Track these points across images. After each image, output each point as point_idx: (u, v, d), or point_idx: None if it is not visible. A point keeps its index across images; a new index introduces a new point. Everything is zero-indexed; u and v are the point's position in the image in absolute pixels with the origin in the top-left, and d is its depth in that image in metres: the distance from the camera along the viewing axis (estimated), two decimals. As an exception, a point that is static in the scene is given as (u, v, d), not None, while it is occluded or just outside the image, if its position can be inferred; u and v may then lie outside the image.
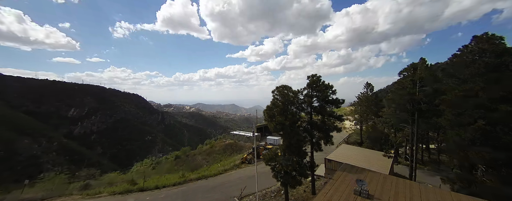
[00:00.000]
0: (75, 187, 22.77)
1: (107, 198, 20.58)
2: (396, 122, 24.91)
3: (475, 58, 16.60)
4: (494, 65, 15.33)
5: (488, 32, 17.01)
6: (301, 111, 18.80)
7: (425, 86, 22.68)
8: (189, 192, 22.18)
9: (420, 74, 23.34)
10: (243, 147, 47.12)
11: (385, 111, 29.36)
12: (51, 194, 20.11)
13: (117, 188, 22.62)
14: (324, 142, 18.27)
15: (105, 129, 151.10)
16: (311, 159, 18.38)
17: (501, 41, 16.11)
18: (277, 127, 16.06)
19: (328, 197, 12.05)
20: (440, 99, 18.69)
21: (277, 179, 16.55)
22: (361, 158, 23.80)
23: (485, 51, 16.14)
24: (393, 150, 27.79)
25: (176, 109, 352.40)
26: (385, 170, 20.15)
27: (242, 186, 22.23)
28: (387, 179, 14.55)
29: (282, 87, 17.36)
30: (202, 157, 50.04)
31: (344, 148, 28.48)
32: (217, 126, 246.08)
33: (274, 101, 16.92)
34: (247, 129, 59.36)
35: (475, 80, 15.97)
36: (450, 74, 18.95)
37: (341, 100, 18.55)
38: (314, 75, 18.62)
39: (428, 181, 24.06)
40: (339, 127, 19.73)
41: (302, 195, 20.26)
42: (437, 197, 11.94)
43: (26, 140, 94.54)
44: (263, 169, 27.30)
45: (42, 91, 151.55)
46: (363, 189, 12.04)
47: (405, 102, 22.91)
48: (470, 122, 15.72)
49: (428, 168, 30.13)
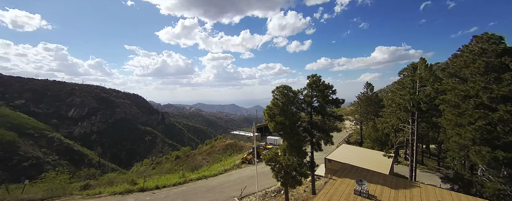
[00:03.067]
0: (75, 187, 22.76)
1: (107, 198, 20.58)
2: (396, 122, 24.92)
3: (475, 58, 16.60)
4: (494, 64, 15.34)
5: (487, 32, 17.05)
6: (301, 111, 18.80)
7: (425, 86, 22.70)
8: (189, 192, 22.19)
9: (420, 74, 23.37)
10: (243, 147, 47.15)
11: (385, 111, 29.37)
12: (51, 194, 20.10)
13: (117, 188, 22.60)
14: (324, 142, 18.26)
15: (105, 129, 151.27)
16: (311, 159, 18.37)
17: (501, 40, 16.13)
18: (277, 127, 16.05)
19: (328, 197, 12.06)
20: (440, 99, 18.69)
21: (277, 179, 16.54)
22: (361, 158, 23.81)
23: (485, 50, 16.14)
24: (393, 150, 27.81)
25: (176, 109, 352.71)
26: (385, 170, 20.16)
27: (242, 186, 22.24)
28: (387, 179, 14.56)
29: (282, 87, 17.36)
30: (202, 157, 50.08)
31: (344, 148, 28.48)
32: (217, 126, 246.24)
33: (274, 101, 16.92)
34: (247, 129, 59.37)
35: (475, 80, 15.97)
36: (450, 74, 18.94)
37: (341, 100, 18.54)
38: (314, 75, 18.62)
39: (428, 181, 24.05)
40: (339, 127, 19.73)
41: (302, 195, 20.26)
42: (437, 197, 11.95)
43: (26, 140, 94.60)
44: (263, 169, 27.32)
45: (42, 91, 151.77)
46: (363, 189, 12.05)
47: (405, 102, 22.93)
48: (470, 122, 15.72)
49: (428, 168, 30.14)
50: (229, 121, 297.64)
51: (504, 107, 14.04)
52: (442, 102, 18.48)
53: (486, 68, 15.54)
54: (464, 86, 16.71)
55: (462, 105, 16.60)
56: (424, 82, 22.93)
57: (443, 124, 18.95)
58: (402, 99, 23.09)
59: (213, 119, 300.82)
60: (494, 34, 16.47)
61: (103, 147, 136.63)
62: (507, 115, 13.93)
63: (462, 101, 16.66)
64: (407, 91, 22.50)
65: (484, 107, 15.43)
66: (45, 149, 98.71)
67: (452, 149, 18.30)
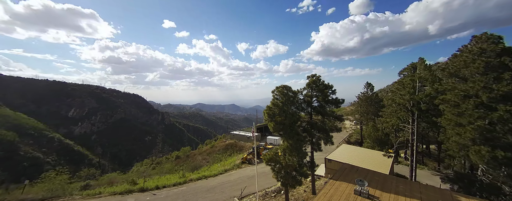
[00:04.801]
0: (75, 187, 22.77)
1: (107, 198, 20.59)
2: (396, 122, 24.93)
3: (475, 58, 16.61)
4: (493, 64, 15.35)
5: (487, 32, 17.10)
6: (301, 111, 18.81)
7: (425, 86, 22.70)
8: (189, 192, 22.20)
9: (420, 74, 23.38)
10: (243, 147, 47.17)
11: (385, 110, 29.39)
12: (51, 194, 20.12)
13: (117, 188, 22.63)
14: (324, 142, 18.26)
15: (105, 129, 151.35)
16: (311, 159, 18.38)
17: (500, 40, 16.16)
18: (277, 127, 16.06)
19: (328, 197, 12.06)
20: (440, 99, 18.70)
21: (277, 179, 16.55)
22: (361, 158, 23.82)
23: (485, 50, 16.16)
24: (393, 150, 27.82)
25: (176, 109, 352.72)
26: (385, 170, 20.17)
27: (242, 186, 22.26)
28: (387, 179, 14.56)
29: (282, 87, 17.37)
30: (202, 157, 50.08)
31: (344, 148, 28.49)
32: (217, 126, 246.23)
33: (274, 101, 16.93)
34: (247, 129, 59.38)
35: (475, 80, 15.97)
36: (450, 74, 18.94)
37: (341, 100, 18.55)
38: (314, 75, 18.64)
39: (428, 181, 24.06)
40: (339, 127, 19.73)
41: (302, 195, 20.27)
42: (437, 197, 11.95)
43: (26, 140, 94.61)
44: (263, 169, 27.33)
45: (43, 91, 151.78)
46: (363, 189, 12.05)
47: (405, 102, 22.94)
48: (470, 122, 15.72)
49: (428, 168, 30.15)
50: (229, 121, 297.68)
51: (504, 106, 14.05)
52: (442, 102, 18.48)
53: (485, 67, 15.56)
54: (464, 86, 16.71)
55: (462, 105, 16.61)
56: (424, 82, 22.94)
57: (443, 124, 18.95)
58: (402, 99, 23.11)
59: (213, 119, 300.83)
60: (493, 34, 16.53)
61: (103, 147, 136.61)
62: (506, 114, 13.94)
63: (462, 101, 16.67)
64: (407, 91, 22.51)
65: (484, 107, 15.44)
66: (45, 149, 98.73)
67: (452, 149, 18.30)
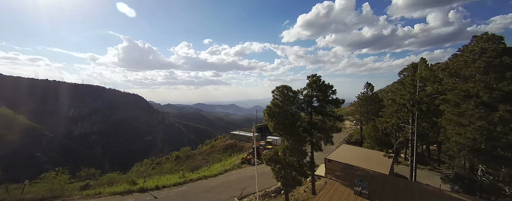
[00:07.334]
0: (75, 187, 22.76)
1: (107, 198, 20.58)
2: (396, 122, 24.92)
3: (476, 58, 16.60)
4: (494, 64, 15.34)
5: (487, 32, 17.10)
6: (301, 111, 18.78)
7: (426, 86, 22.67)
8: (189, 192, 22.19)
9: (420, 74, 23.34)
10: (243, 147, 47.14)
11: (385, 110, 29.36)
12: (51, 194, 20.11)
13: (117, 188, 22.61)
14: (324, 142, 18.24)
15: (105, 129, 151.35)
16: (311, 159, 18.35)
17: (501, 40, 16.15)
18: (277, 127, 16.05)
19: (328, 197, 12.03)
20: (441, 99, 18.68)
21: (277, 179, 16.54)
22: (361, 158, 23.80)
23: (485, 50, 16.15)
24: (393, 150, 27.79)
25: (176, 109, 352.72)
26: (385, 170, 20.14)
27: (242, 186, 22.24)
28: (387, 179, 14.54)
29: (282, 87, 17.35)
30: (202, 157, 50.05)
31: (344, 148, 28.47)
32: (217, 126, 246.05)
33: (274, 101, 16.91)
34: (247, 129, 59.34)
35: (476, 80, 15.97)
36: (451, 74, 18.93)
37: (341, 100, 18.53)
38: (314, 75, 18.61)
39: (428, 181, 24.03)
40: (339, 127, 19.71)
41: (302, 195, 20.25)
42: (437, 197, 11.93)
43: (26, 140, 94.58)
44: (263, 169, 27.32)
45: (42, 91, 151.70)
46: (363, 189, 12.02)
47: (405, 102, 22.93)
48: (471, 122, 15.71)
49: (428, 168, 30.12)
50: (229, 121, 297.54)
51: (504, 106, 14.04)
52: (442, 102, 18.48)
53: (486, 67, 15.55)
54: (464, 85, 16.71)
55: (462, 104, 16.59)
56: (424, 82, 22.91)
57: (444, 124, 18.94)
58: (403, 99, 23.09)
59: (213, 119, 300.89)
60: (493, 34, 16.52)
61: (103, 147, 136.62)
62: (507, 114, 13.93)
63: (462, 100, 16.66)
64: (408, 91, 22.49)
65: (484, 107, 15.43)
66: (45, 149, 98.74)
67: (452, 149, 18.29)
